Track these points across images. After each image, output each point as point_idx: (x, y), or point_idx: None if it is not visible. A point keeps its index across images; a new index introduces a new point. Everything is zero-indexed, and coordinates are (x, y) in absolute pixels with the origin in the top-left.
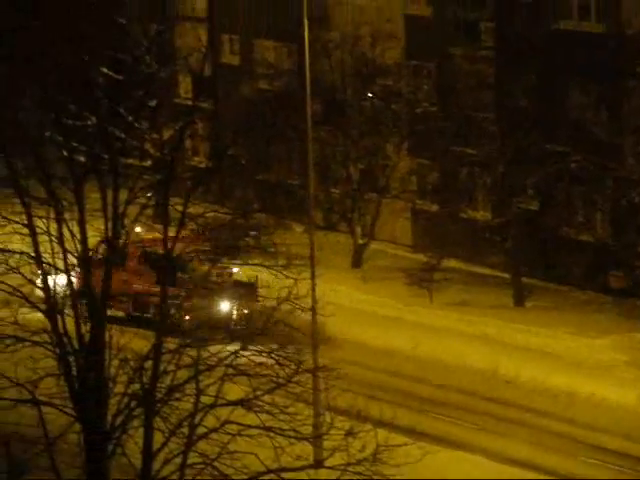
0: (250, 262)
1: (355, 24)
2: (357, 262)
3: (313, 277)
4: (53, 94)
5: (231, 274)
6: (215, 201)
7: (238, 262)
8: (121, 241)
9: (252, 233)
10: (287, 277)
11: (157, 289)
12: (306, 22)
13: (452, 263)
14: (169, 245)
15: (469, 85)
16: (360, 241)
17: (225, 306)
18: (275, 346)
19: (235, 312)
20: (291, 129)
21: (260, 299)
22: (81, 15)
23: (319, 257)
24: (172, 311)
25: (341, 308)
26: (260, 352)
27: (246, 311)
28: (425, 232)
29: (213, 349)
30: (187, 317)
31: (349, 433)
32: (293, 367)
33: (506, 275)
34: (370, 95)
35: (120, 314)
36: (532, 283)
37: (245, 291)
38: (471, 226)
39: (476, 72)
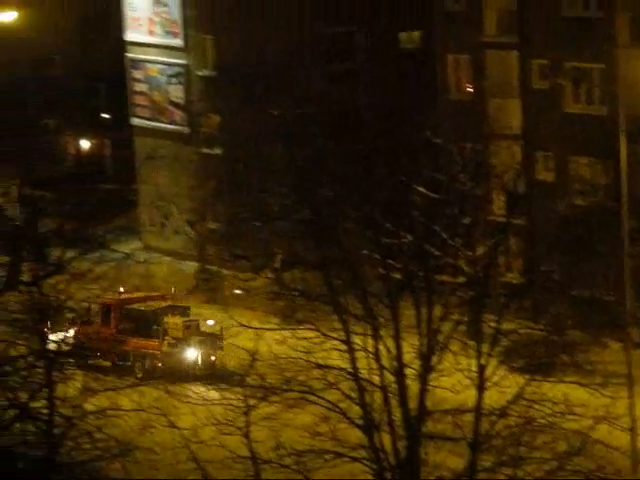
0: (565, 379)
1: None
2: None
3: (631, 396)
4: (372, 214)
5: (198, 325)
6: (529, 317)
7: (552, 379)
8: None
9: None
10: (603, 395)
11: (136, 341)
12: (622, 137)
13: None
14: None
15: None
16: None
17: (192, 353)
18: (593, 467)
19: (200, 359)
20: (606, 245)
21: (573, 417)
22: (397, 136)
23: (637, 375)
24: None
25: None
26: (575, 472)
27: (213, 358)
28: None
29: (529, 468)
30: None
31: None
32: None
33: None
34: None
35: (106, 364)
36: None
37: (210, 340)
38: None
39: None
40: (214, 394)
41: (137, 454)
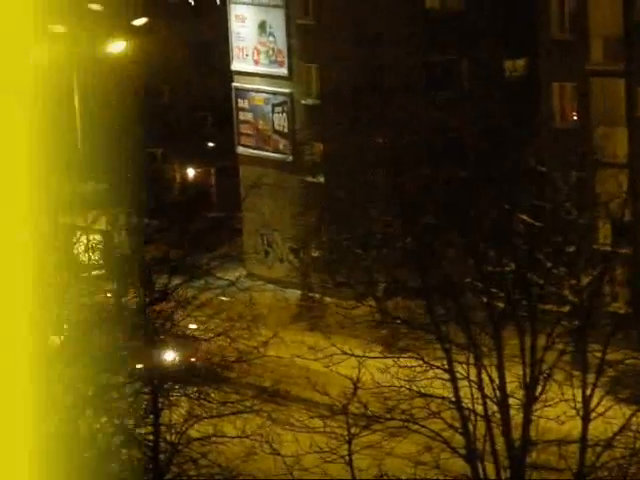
0: None
1: None
2: None
3: None
4: (475, 242)
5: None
6: (635, 348)
7: None
8: None
9: None
10: None
11: None
12: None
13: None
14: None
15: None
16: None
17: (170, 355)
18: None
19: (178, 360)
20: None
21: None
22: (501, 163)
23: None
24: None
25: None
26: None
27: (192, 359)
28: None
29: None
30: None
31: None
32: None
33: None
34: None
35: None
36: None
37: (189, 343)
38: None
39: None
40: (317, 422)
41: None
